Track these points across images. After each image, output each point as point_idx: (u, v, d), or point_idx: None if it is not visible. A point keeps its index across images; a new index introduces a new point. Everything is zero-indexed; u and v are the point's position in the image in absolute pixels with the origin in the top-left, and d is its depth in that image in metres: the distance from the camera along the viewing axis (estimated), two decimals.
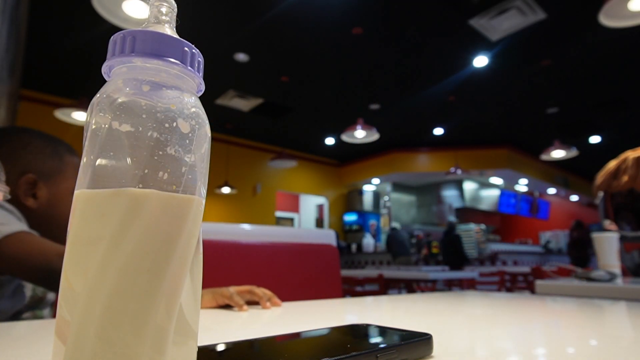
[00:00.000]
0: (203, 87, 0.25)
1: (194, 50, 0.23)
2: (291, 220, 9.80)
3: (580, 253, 6.56)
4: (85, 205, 0.20)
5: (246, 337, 0.34)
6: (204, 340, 0.34)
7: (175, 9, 0.25)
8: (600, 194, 1.36)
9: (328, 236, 1.52)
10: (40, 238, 0.75)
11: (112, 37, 0.23)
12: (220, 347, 0.31)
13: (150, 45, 0.22)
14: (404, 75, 5.14)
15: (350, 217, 9.24)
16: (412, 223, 9.18)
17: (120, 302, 0.19)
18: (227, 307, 0.75)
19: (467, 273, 4.65)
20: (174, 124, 0.21)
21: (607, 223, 1.35)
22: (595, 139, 7.44)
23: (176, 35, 0.23)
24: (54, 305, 0.91)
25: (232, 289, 0.76)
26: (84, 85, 5.15)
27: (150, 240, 0.20)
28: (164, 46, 0.22)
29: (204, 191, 0.23)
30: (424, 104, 5.95)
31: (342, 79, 5.21)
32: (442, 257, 6.59)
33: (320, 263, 1.43)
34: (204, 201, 0.23)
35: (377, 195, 9.45)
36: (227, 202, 7.22)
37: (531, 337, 0.49)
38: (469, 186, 9.08)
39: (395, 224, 8.03)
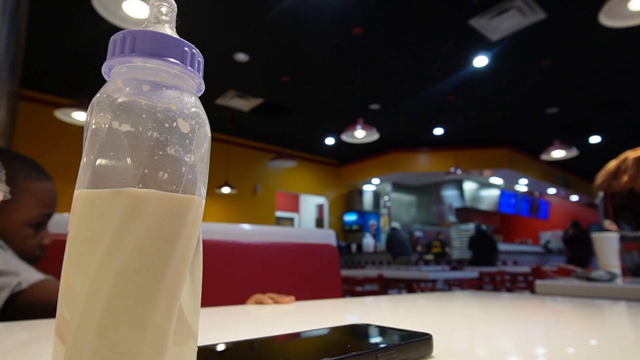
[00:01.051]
0: (203, 87, 0.25)
1: (194, 50, 0.23)
2: (291, 220, 9.80)
3: (575, 252, 6.61)
4: (85, 205, 0.20)
5: (246, 337, 0.34)
6: (204, 340, 0.34)
7: (175, 9, 0.25)
8: (600, 194, 1.36)
9: (328, 236, 1.53)
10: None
11: (112, 37, 0.23)
12: (220, 347, 0.31)
13: (150, 45, 0.22)
14: (404, 75, 5.14)
15: (350, 217, 9.25)
16: (412, 223, 9.18)
17: (120, 302, 0.19)
18: (228, 305, 0.75)
19: (467, 273, 4.65)
20: (174, 124, 0.21)
21: (607, 223, 1.35)
22: (595, 139, 7.44)
23: (176, 35, 0.23)
24: None
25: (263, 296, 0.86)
26: (84, 85, 5.15)
27: (150, 240, 0.20)
28: (164, 46, 0.22)
29: (204, 191, 0.23)
30: (424, 104, 5.96)
31: (342, 79, 5.21)
32: (473, 257, 6.80)
33: (320, 263, 1.43)
34: (204, 201, 0.23)
35: (377, 195, 9.45)
36: (227, 202, 7.22)
37: (531, 337, 0.49)
38: (469, 186, 9.08)
39: (395, 224, 8.03)
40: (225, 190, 6.79)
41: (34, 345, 0.41)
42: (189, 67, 0.23)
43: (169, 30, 0.24)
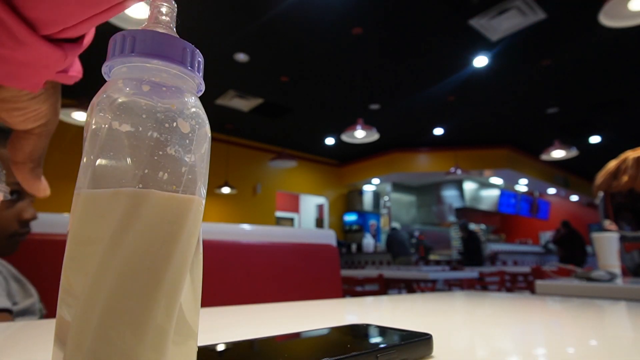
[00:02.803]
0: (203, 87, 0.25)
1: (194, 50, 0.23)
2: (291, 220, 9.80)
3: (567, 252, 6.63)
4: (85, 205, 0.20)
5: (246, 337, 0.34)
6: (204, 340, 0.34)
7: (175, 9, 0.25)
8: (600, 194, 1.36)
9: (328, 236, 1.52)
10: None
11: (112, 37, 0.23)
12: (220, 347, 0.31)
13: (150, 45, 0.22)
14: (404, 75, 5.14)
15: (350, 217, 9.24)
16: (412, 223, 9.18)
17: (120, 302, 0.19)
18: (228, 305, 0.75)
19: (467, 273, 4.65)
20: (174, 124, 0.21)
21: (607, 223, 1.35)
22: (595, 139, 7.44)
23: (176, 35, 0.23)
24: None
25: None
26: (84, 85, 5.13)
27: (150, 240, 0.20)
28: (164, 46, 0.22)
29: (204, 191, 0.23)
30: (424, 104, 5.95)
31: (342, 79, 5.21)
32: (464, 257, 6.71)
33: (320, 263, 1.43)
34: (204, 201, 0.23)
35: (377, 195, 9.45)
36: (227, 202, 7.22)
37: (531, 337, 0.49)
38: (469, 186, 9.08)
39: (395, 224, 8.03)
40: (225, 190, 6.79)
41: (34, 345, 0.41)
42: (189, 67, 0.23)
43: (169, 30, 0.24)
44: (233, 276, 1.20)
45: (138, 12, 2.22)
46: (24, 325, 0.56)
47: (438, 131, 7.19)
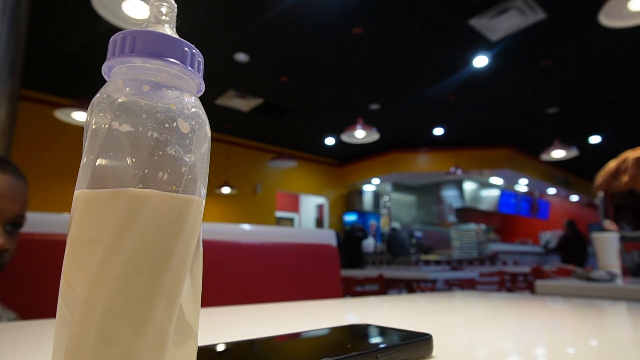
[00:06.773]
0: (203, 87, 0.25)
1: (194, 50, 0.23)
2: (291, 220, 9.80)
3: (569, 252, 6.60)
4: (85, 205, 0.20)
5: (246, 337, 0.34)
6: (204, 340, 0.34)
7: (175, 9, 0.25)
8: (601, 194, 1.36)
9: (328, 236, 1.52)
10: None
11: (112, 37, 0.23)
12: (220, 347, 0.31)
13: (150, 45, 0.22)
14: (404, 75, 5.14)
15: (350, 217, 9.24)
16: (412, 223, 9.18)
17: (120, 302, 0.19)
18: (228, 305, 0.74)
19: (467, 273, 4.65)
20: (174, 124, 0.21)
21: (607, 223, 1.35)
22: (595, 139, 7.44)
23: (176, 35, 0.23)
24: None
25: None
26: (84, 85, 5.15)
27: (150, 240, 0.20)
28: (164, 46, 0.22)
29: (204, 191, 0.23)
30: (424, 104, 5.95)
31: (342, 79, 5.21)
32: (345, 258, 6.73)
33: (320, 263, 1.43)
34: (204, 201, 0.23)
35: (377, 195, 9.45)
36: (227, 202, 7.22)
37: (531, 337, 0.49)
38: (469, 186, 9.08)
39: (395, 224, 8.03)
40: (225, 190, 6.79)
41: (34, 345, 0.41)
42: (189, 67, 0.23)
43: (169, 30, 0.24)
44: (233, 276, 1.20)
45: (138, 12, 2.22)
46: (24, 325, 0.56)
47: (438, 131, 7.19)
